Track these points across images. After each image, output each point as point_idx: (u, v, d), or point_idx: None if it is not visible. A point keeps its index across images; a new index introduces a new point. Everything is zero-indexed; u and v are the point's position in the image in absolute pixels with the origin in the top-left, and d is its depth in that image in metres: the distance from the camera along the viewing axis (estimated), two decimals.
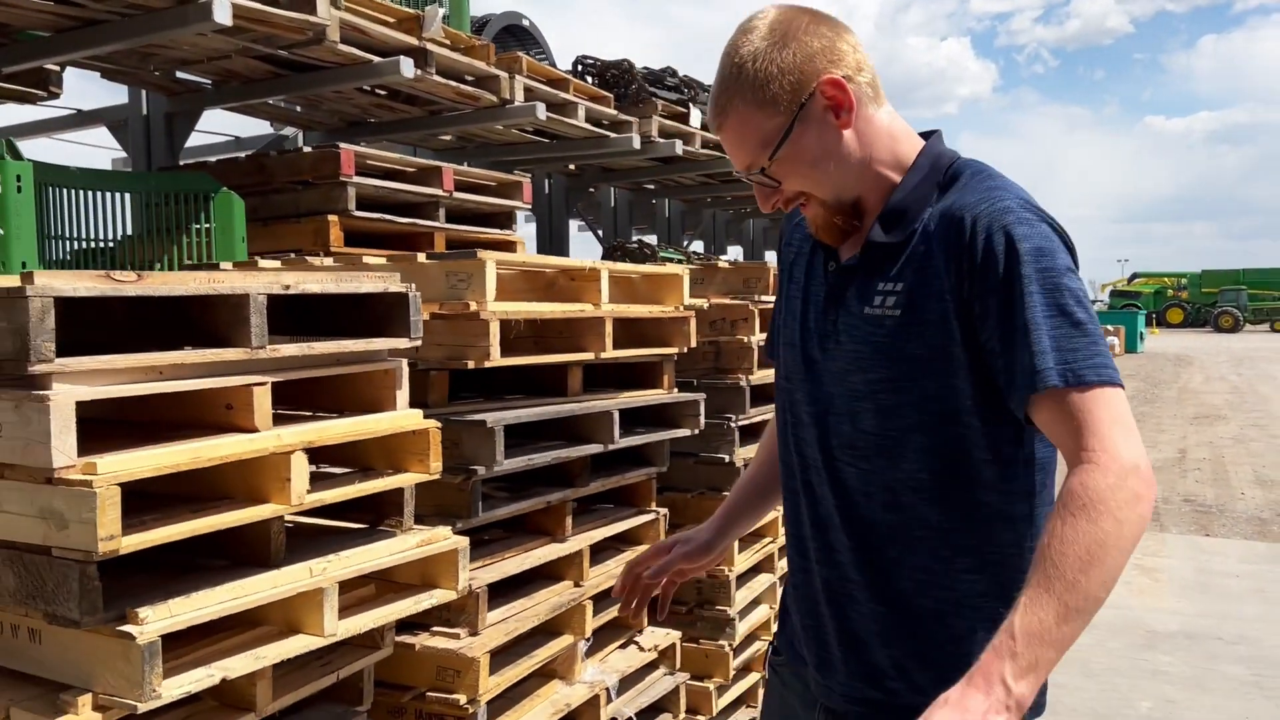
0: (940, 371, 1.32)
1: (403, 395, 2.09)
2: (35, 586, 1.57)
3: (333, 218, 3.81)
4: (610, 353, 2.78)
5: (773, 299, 3.82)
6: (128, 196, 3.75)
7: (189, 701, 1.78)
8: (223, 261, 3.73)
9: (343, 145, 3.88)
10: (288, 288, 1.82)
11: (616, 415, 2.75)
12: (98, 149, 5.93)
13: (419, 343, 2.08)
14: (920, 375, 1.33)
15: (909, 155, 1.39)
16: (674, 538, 1.79)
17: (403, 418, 2.06)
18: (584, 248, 9.53)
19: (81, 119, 5.06)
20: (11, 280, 1.51)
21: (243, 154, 5.96)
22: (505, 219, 4.64)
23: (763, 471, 1.77)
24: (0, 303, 1.46)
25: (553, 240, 7.77)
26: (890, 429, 1.36)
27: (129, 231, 3.84)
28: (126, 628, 1.56)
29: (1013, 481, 1.36)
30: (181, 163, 4.70)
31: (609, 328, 2.75)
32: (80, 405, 1.51)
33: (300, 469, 1.79)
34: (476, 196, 4.39)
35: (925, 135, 1.44)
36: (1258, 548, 6.82)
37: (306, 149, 3.92)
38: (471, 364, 2.36)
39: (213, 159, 4.72)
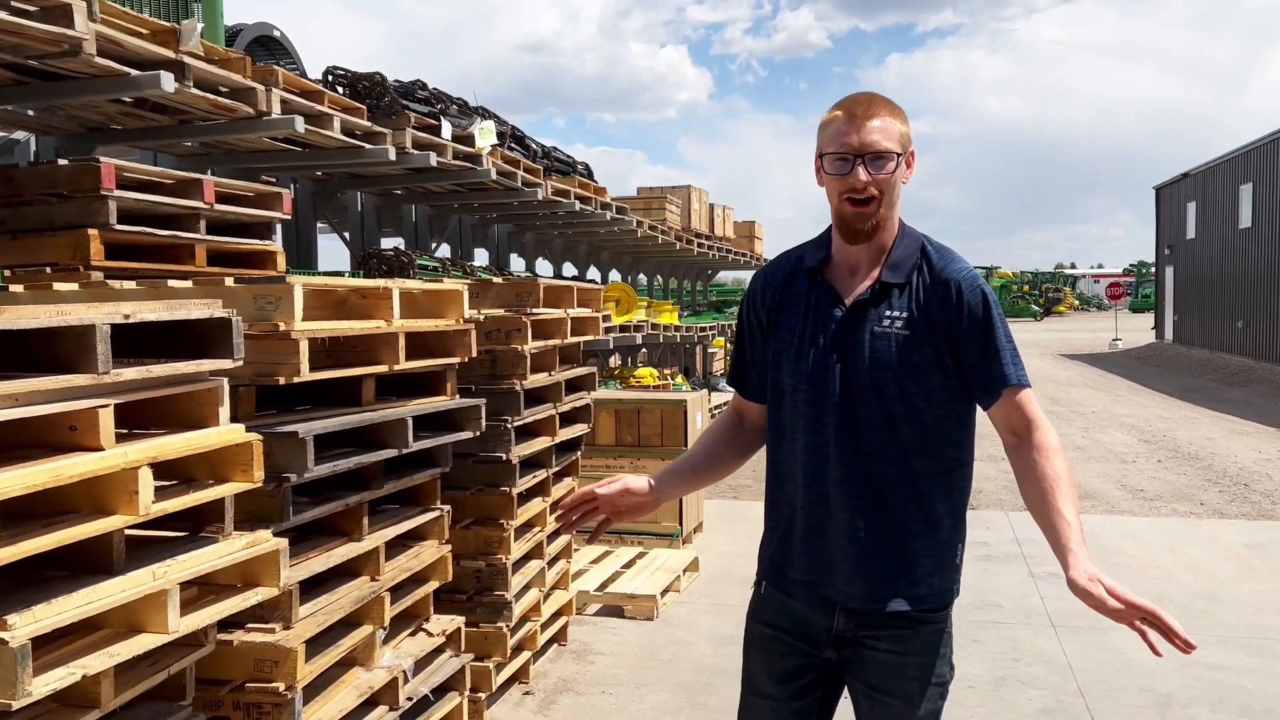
0: (930, 371, 1.97)
1: (224, 411, 2.28)
2: None
3: (93, 231, 3.77)
4: (403, 364, 3.05)
5: (547, 310, 4.19)
6: None
7: (29, 706, 1.91)
8: None
9: (103, 159, 3.86)
10: (128, 317, 1.98)
11: (410, 422, 3.03)
12: None
13: (241, 363, 2.28)
14: (917, 373, 1.96)
15: (896, 222, 2.05)
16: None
17: (228, 432, 2.26)
18: (329, 252, 9.45)
19: None
20: None
21: None
22: (264, 229, 4.71)
23: (699, 457, 2.28)
24: None
25: (299, 246, 7.72)
26: (896, 409, 1.97)
27: None
28: None
29: (962, 443, 2.05)
30: None
31: (402, 342, 3.02)
32: None
33: (146, 483, 1.97)
34: (236, 208, 4.44)
35: None
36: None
37: (62, 161, 3.85)
38: (282, 380, 2.56)
39: None
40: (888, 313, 1.99)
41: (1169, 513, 8.02)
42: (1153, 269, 39.83)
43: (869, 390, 1.98)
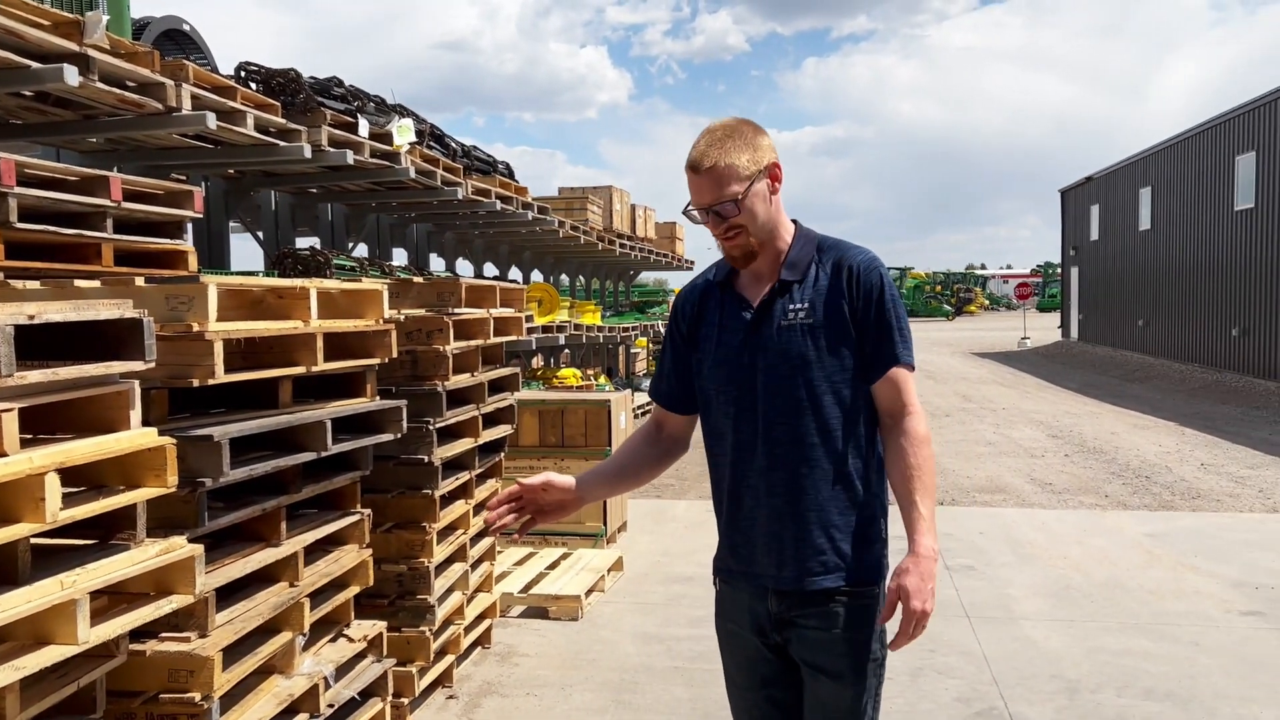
0: (839, 355, 2.07)
1: (136, 415, 2.21)
2: None
3: None
4: (321, 365, 2.99)
5: (470, 310, 4.16)
6: None
7: None
8: None
9: (2, 154, 3.71)
10: (32, 318, 1.91)
11: (329, 424, 2.97)
12: None
13: (153, 364, 2.21)
14: (826, 359, 2.06)
15: (789, 227, 2.17)
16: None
17: (140, 436, 2.19)
18: (242, 252, 9.21)
19: None
20: None
21: None
22: (175, 228, 4.57)
23: (622, 459, 2.35)
24: None
25: (211, 246, 7.52)
26: (810, 395, 2.07)
27: None
28: None
29: (871, 423, 2.13)
30: None
31: (320, 343, 2.96)
32: None
33: (54, 489, 1.90)
34: (146, 206, 4.30)
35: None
36: None
37: None
38: (196, 382, 2.50)
39: None
40: (790, 306, 2.11)
41: (1076, 505, 8.30)
42: (1059, 270, 41.22)
43: (784, 381, 2.09)
